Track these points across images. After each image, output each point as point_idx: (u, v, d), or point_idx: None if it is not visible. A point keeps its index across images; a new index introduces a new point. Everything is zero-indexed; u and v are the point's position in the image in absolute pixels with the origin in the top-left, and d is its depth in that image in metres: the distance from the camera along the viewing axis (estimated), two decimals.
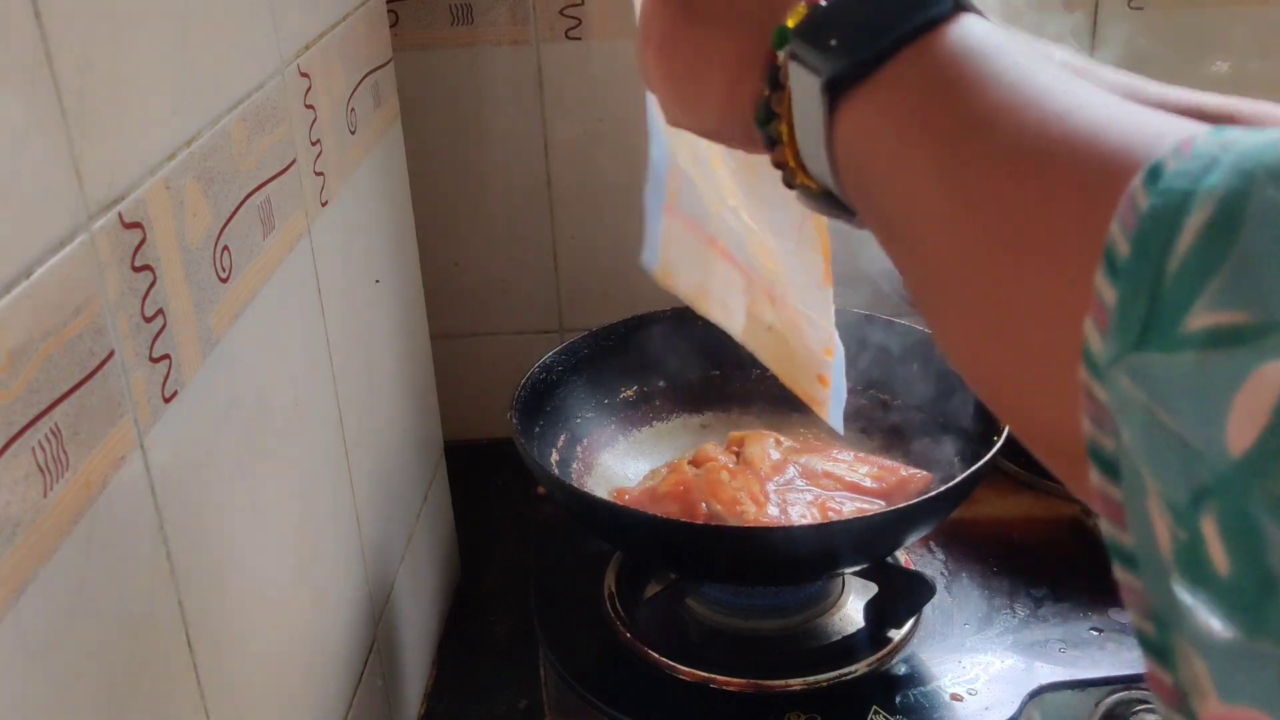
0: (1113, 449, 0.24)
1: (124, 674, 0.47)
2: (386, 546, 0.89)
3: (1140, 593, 0.24)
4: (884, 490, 0.82)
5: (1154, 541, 0.23)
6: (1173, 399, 0.22)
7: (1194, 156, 0.24)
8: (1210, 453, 0.21)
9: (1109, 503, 0.24)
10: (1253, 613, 0.21)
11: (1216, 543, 0.21)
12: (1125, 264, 0.23)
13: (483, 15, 1.11)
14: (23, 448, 0.40)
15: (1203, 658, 0.22)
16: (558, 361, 0.89)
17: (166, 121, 0.52)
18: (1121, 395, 0.23)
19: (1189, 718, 0.23)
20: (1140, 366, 0.23)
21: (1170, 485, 0.22)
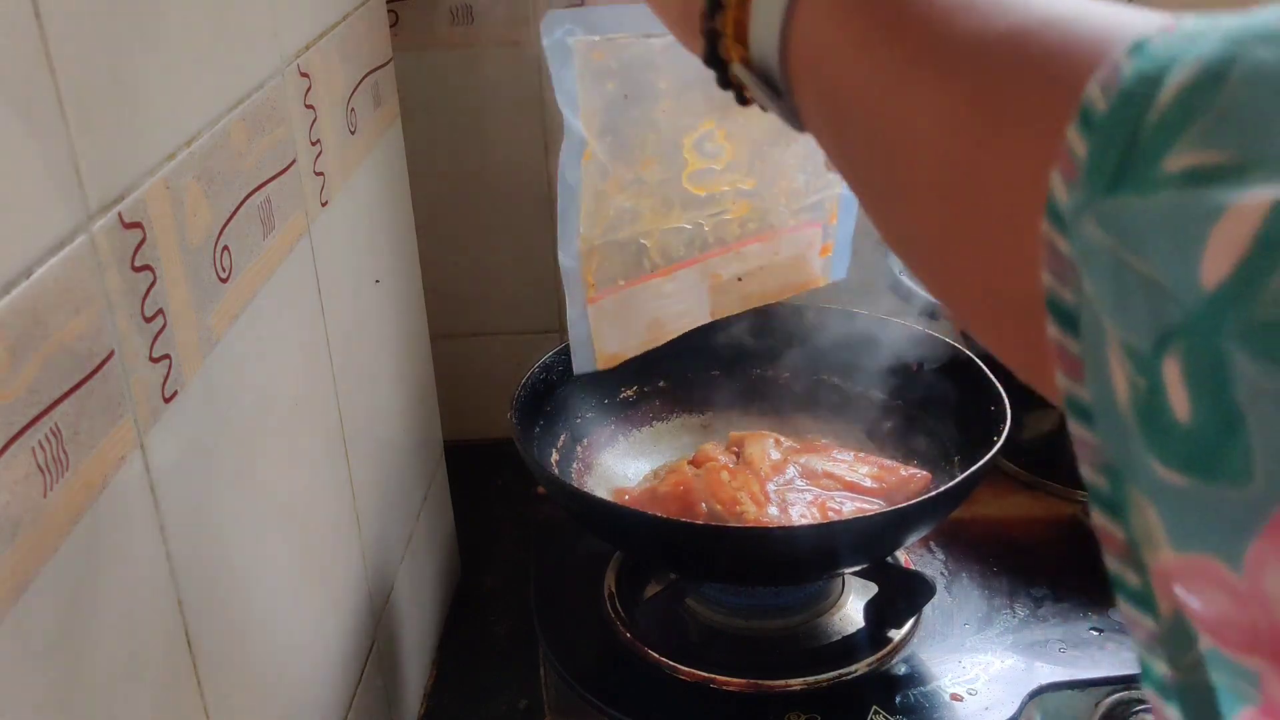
0: (1073, 301, 0.24)
1: (124, 674, 0.47)
2: (386, 546, 0.89)
3: (1095, 447, 0.24)
4: (884, 490, 0.82)
5: (1112, 392, 0.23)
6: (1145, 240, 0.22)
7: (1180, 32, 0.24)
8: (1181, 290, 0.21)
9: (1066, 356, 0.24)
10: (1212, 456, 0.21)
11: (1178, 387, 0.21)
12: (1101, 118, 0.23)
13: (483, 15, 1.10)
14: (23, 448, 0.40)
15: (1156, 508, 0.22)
16: (558, 361, 0.89)
17: (166, 121, 0.52)
18: (1087, 244, 0.23)
19: (1139, 570, 0.23)
20: (1111, 211, 0.22)
21: (1133, 331, 0.22)
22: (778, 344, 0.96)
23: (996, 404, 0.79)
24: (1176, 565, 0.22)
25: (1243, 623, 0.21)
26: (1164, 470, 0.22)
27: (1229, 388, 0.20)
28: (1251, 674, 0.21)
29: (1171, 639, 0.23)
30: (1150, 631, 0.23)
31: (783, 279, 0.76)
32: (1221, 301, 0.20)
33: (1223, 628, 0.21)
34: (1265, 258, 0.19)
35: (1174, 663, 0.23)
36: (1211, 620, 0.22)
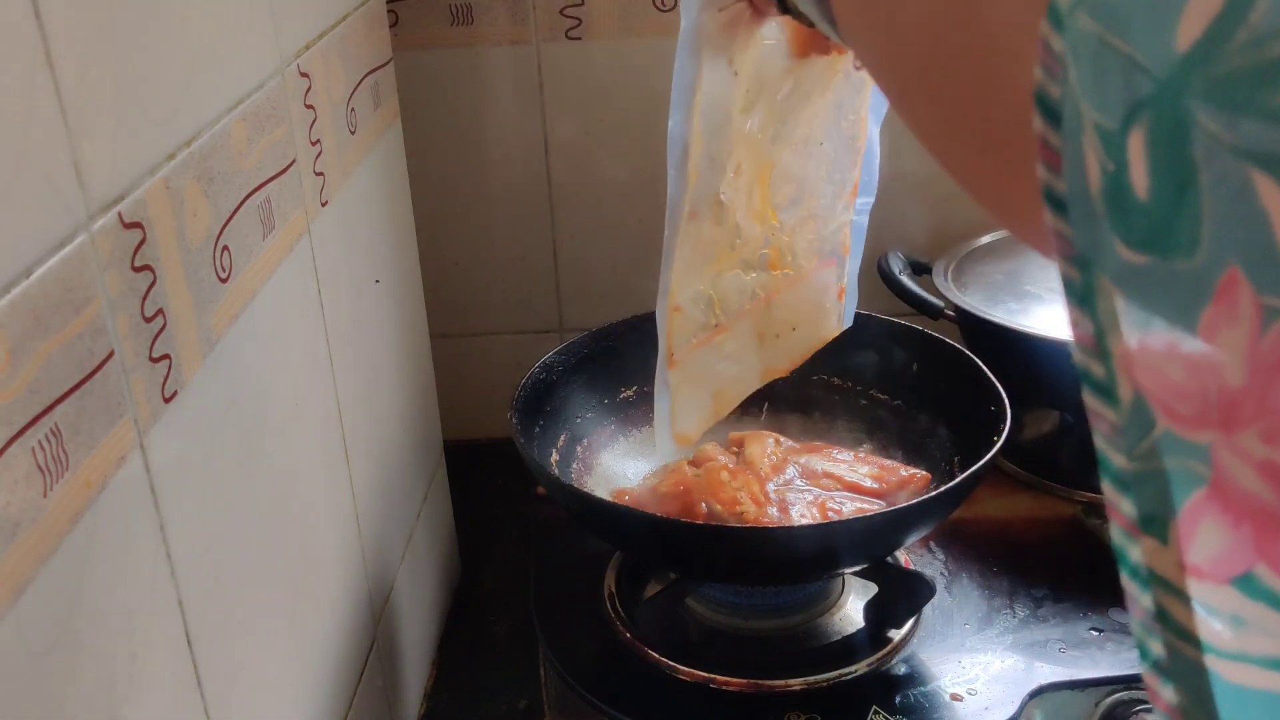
0: (1058, 95, 0.25)
1: (124, 674, 0.47)
2: (386, 546, 0.89)
3: (1069, 239, 0.25)
4: (884, 490, 0.82)
5: (1085, 180, 0.24)
6: (1129, 19, 0.23)
7: None
8: (1156, 61, 0.22)
9: (1048, 148, 0.26)
10: (1167, 229, 0.22)
11: (1140, 161, 0.22)
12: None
13: (483, 15, 1.11)
14: (23, 448, 0.40)
15: (1120, 290, 0.23)
16: (558, 361, 0.89)
17: (166, 121, 0.52)
18: (1077, 35, 0.24)
19: (1104, 359, 0.24)
20: (1100, 1, 0.24)
21: (1106, 111, 0.23)
22: None
23: (996, 404, 0.79)
24: (1137, 346, 0.23)
25: (1195, 393, 0.22)
26: (1127, 251, 0.23)
27: (1187, 150, 0.21)
28: (1202, 448, 0.22)
29: (1130, 426, 0.24)
30: (1111, 423, 0.25)
31: (807, 334, 0.74)
32: (1191, 62, 0.21)
33: (1178, 402, 0.23)
34: (1235, 13, 0.21)
35: (1130, 452, 0.24)
36: (1168, 396, 0.23)
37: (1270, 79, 0.20)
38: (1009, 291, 0.99)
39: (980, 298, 0.99)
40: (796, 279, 0.70)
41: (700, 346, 0.67)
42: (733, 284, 0.67)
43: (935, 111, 0.36)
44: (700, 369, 0.67)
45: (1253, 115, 0.20)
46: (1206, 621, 0.23)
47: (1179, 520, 0.23)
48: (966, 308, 0.98)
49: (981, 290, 1.00)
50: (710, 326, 0.67)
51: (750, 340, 0.70)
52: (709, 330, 0.67)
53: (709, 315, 0.67)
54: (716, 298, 0.67)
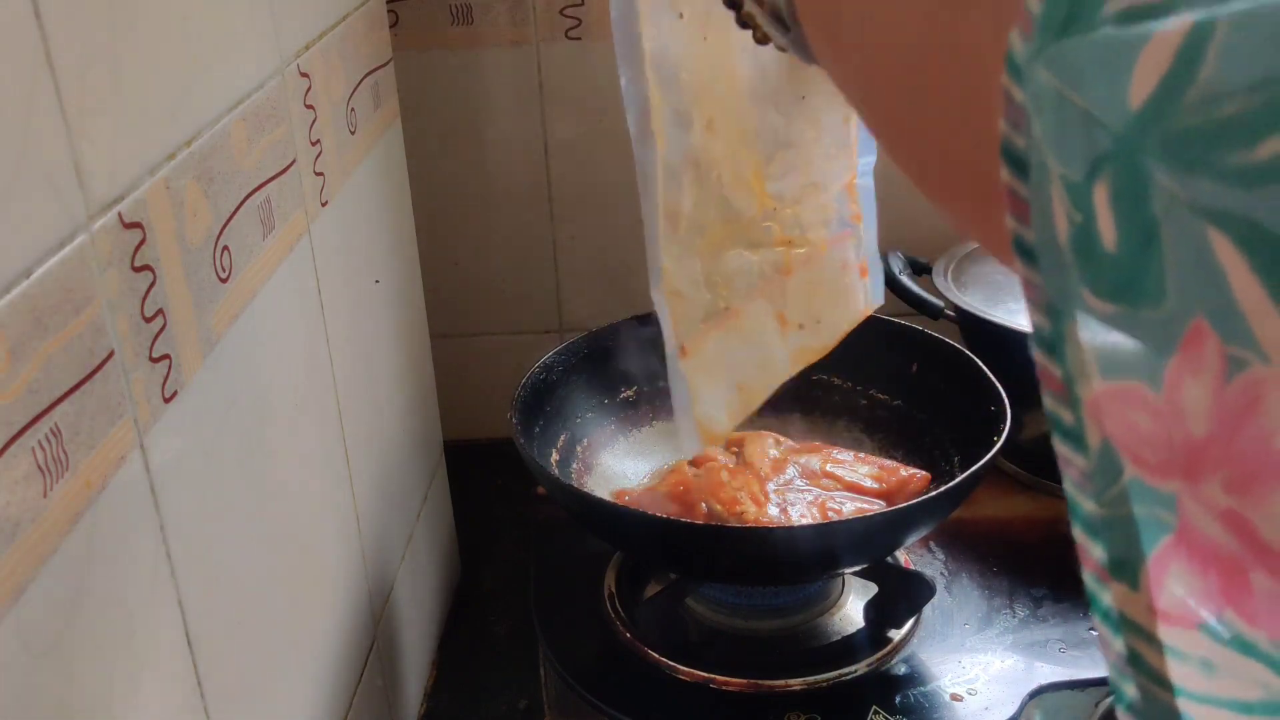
0: (1023, 146, 0.25)
1: (124, 674, 0.47)
2: (386, 546, 0.89)
3: (1039, 287, 0.25)
4: (884, 490, 0.82)
5: (1053, 230, 0.24)
6: (1084, 75, 0.23)
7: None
8: (1112, 117, 0.22)
9: (1016, 199, 0.26)
10: (1133, 279, 0.22)
11: (1106, 214, 0.23)
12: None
13: (483, 15, 1.11)
14: (23, 448, 0.40)
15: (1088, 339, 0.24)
16: (558, 361, 0.89)
17: (166, 121, 0.52)
18: (1037, 88, 0.25)
19: (1073, 406, 0.25)
20: (1057, 53, 0.24)
21: (1070, 164, 0.23)
22: None
23: (996, 404, 0.79)
24: (1105, 393, 0.24)
25: (1161, 442, 0.22)
26: (1095, 301, 0.23)
27: (1148, 205, 0.22)
28: (1168, 496, 0.23)
29: (1098, 473, 0.24)
30: (1080, 469, 0.25)
31: (834, 315, 0.68)
32: (1144, 119, 0.22)
33: (1144, 450, 0.23)
34: (1183, 73, 0.21)
35: (1100, 498, 0.25)
36: (1134, 444, 0.23)
37: (1221, 139, 0.20)
38: (1009, 291, 0.99)
39: (980, 298, 0.99)
40: (809, 255, 0.66)
41: (712, 333, 0.64)
42: (736, 263, 0.63)
43: (911, 155, 0.36)
44: (716, 358, 0.64)
45: (1205, 174, 0.20)
46: (1178, 665, 0.23)
47: (1148, 566, 0.23)
48: (966, 308, 0.98)
49: (981, 290, 1.00)
50: (718, 310, 0.63)
51: (769, 324, 0.66)
52: (717, 314, 0.63)
53: (715, 297, 0.63)
54: (719, 278, 0.63)
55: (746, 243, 0.63)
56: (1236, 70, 0.20)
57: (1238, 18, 0.20)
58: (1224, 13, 0.21)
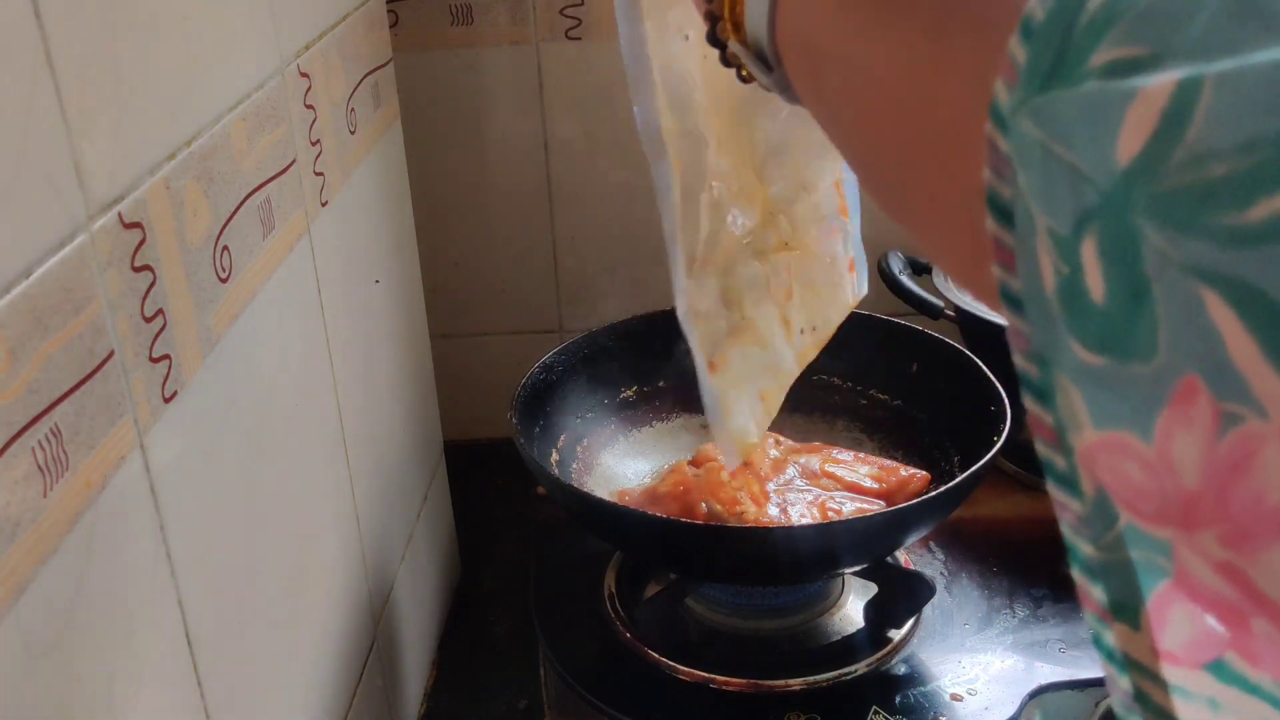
0: (1009, 196, 0.25)
1: (124, 674, 0.47)
2: (386, 546, 0.89)
3: (1026, 335, 0.26)
4: (884, 490, 0.82)
5: (1040, 280, 0.24)
6: (1070, 129, 0.23)
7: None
8: (1099, 173, 0.22)
9: (1002, 248, 0.26)
10: (1124, 333, 0.22)
11: (1094, 268, 0.23)
12: (1039, 25, 0.25)
13: (483, 15, 1.11)
14: (23, 448, 0.40)
15: (1079, 389, 0.24)
16: (558, 361, 0.89)
17: (166, 121, 0.52)
18: (1022, 139, 0.24)
19: (1065, 454, 0.25)
20: (1042, 105, 0.24)
21: (1057, 217, 0.23)
22: None
23: (996, 404, 0.79)
24: (1097, 443, 0.24)
25: (1154, 493, 0.22)
26: (1084, 352, 0.23)
27: (1138, 262, 0.22)
28: (1165, 544, 0.23)
29: (1094, 518, 0.24)
30: (1076, 514, 0.25)
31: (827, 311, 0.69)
32: (1132, 177, 0.21)
33: (1138, 500, 0.23)
34: (1170, 132, 0.21)
35: (1096, 542, 0.24)
36: (1128, 494, 0.23)
37: (1211, 200, 0.20)
38: None
39: None
40: (803, 256, 0.67)
41: (734, 347, 0.64)
42: (745, 274, 0.64)
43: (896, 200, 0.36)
44: (741, 369, 0.65)
45: (1196, 235, 0.20)
46: (1185, 704, 0.23)
47: (1148, 608, 0.23)
48: (966, 308, 0.98)
49: None
50: (737, 324, 0.64)
51: (777, 329, 0.67)
52: (736, 328, 0.64)
53: (733, 312, 0.64)
54: (734, 293, 0.64)
55: (753, 252, 0.64)
56: (1224, 131, 0.20)
57: (1224, 77, 0.20)
58: (1210, 71, 0.20)
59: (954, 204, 0.31)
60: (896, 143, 0.34)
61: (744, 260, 0.64)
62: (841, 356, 0.93)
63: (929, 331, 0.90)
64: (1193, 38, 0.21)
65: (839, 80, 0.38)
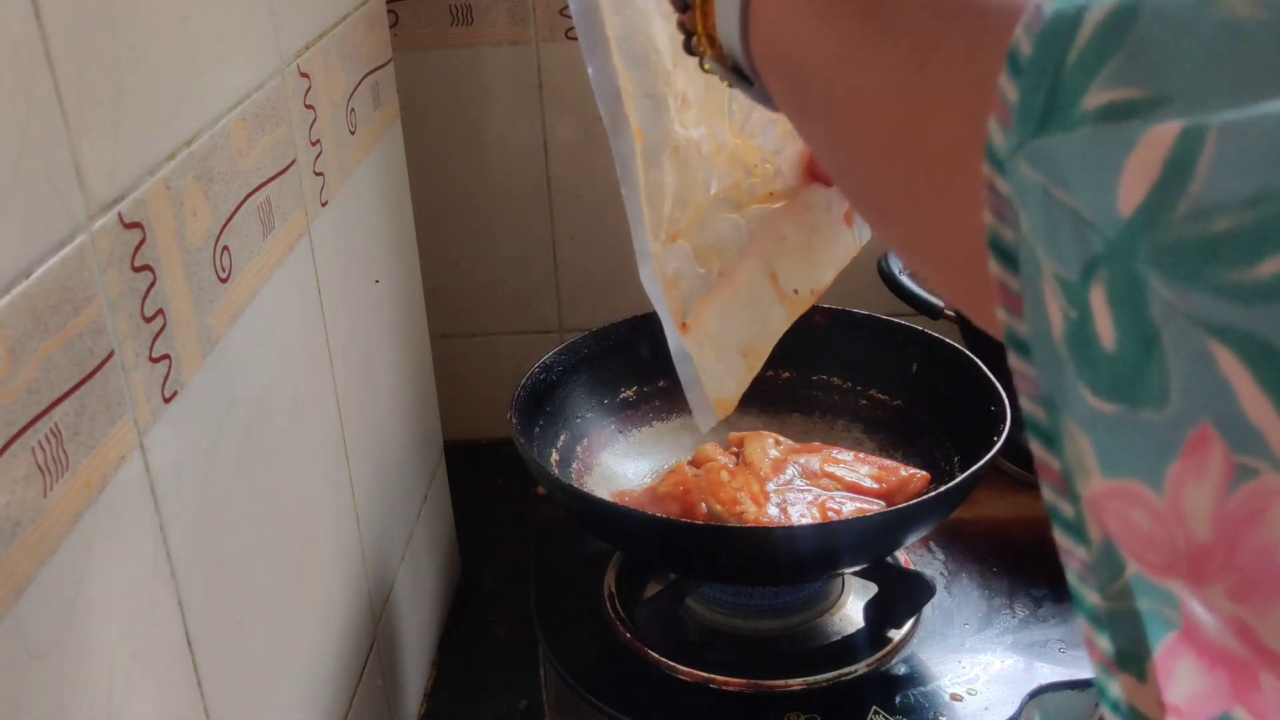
0: (1012, 238, 0.25)
1: (124, 674, 0.47)
2: (386, 546, 0.89)
3: (1033, 380, 0.25)
4: (884, 490, 0.82)
5: (1047, 325, 0.24)
6: (1069, 175, 0.23)
7: None
8: (1102, 220, 0.22)
9: (1007, 292, 0.25)
10: (1134, 381, 0.22)
11: (1104, 314, 0.22)
12: (1027, 61, 0.24)
13: (483, 15, 1.11)
14: (23, 448, 0.40)
15: (1088, 436, 0.23)
16: (558, 361, 0.89)
17: (166, 121, 0.52)
18: (1021, 182, 0.24)
19: (1073, 500, 0.24)
20: (1039, 150, 0.24)
21: (1063, 263, 0.23)
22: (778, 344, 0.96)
23: (996, 404, 0.79)
24: (1105, 491, 0.23)
25: (1164, 543, 0.22)
26: (1093, 399, 0.23)
27: (1146, 311, 0.21)
28: (1172, 596, 0.22)
29: (1101, 567, 0.24)
30: (1082, 561, 0.25)
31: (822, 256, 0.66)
32: (1136, 227, 0.21)
33: (1146, 551, 0.23)
34: (1174, 182, 0.20)
35: (1103, 591, 0.24)
36: (1136, 544, 0.23)
37: (1217, 255, 0.20)
38: None
39: None
40: (792, 204, 0.65)
41: (710, 304, 0.62)
42: (723, 227, 0.62)
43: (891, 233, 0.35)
44: (719, 326, 0.63)
45: (1203, 289, 0.20)
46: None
47: (1155, 660, 0.23)
48: None
49: None
50: (713, 278, 0.62)
51: (763, 281, 0.64)
52: (711, 283, 0.62)
53: (708, 270, 0.62)
54: (708, 249, 0.61)
55: (730, 205, 0.62)
56: (1229, 184, 0.20)
57: (1228, 128, 0.20)
58: (1214, 121, 0.20)
59: (952, 241, 0.30)
60: (886, 175, 0.33)
61: (718, 214, 0.62)
62: (841, 356, 0.93)
63: (929, 331, 0.90)
64: (1189, 77, 0.21)
65: (821, 105, 0.36)
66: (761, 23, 0.39)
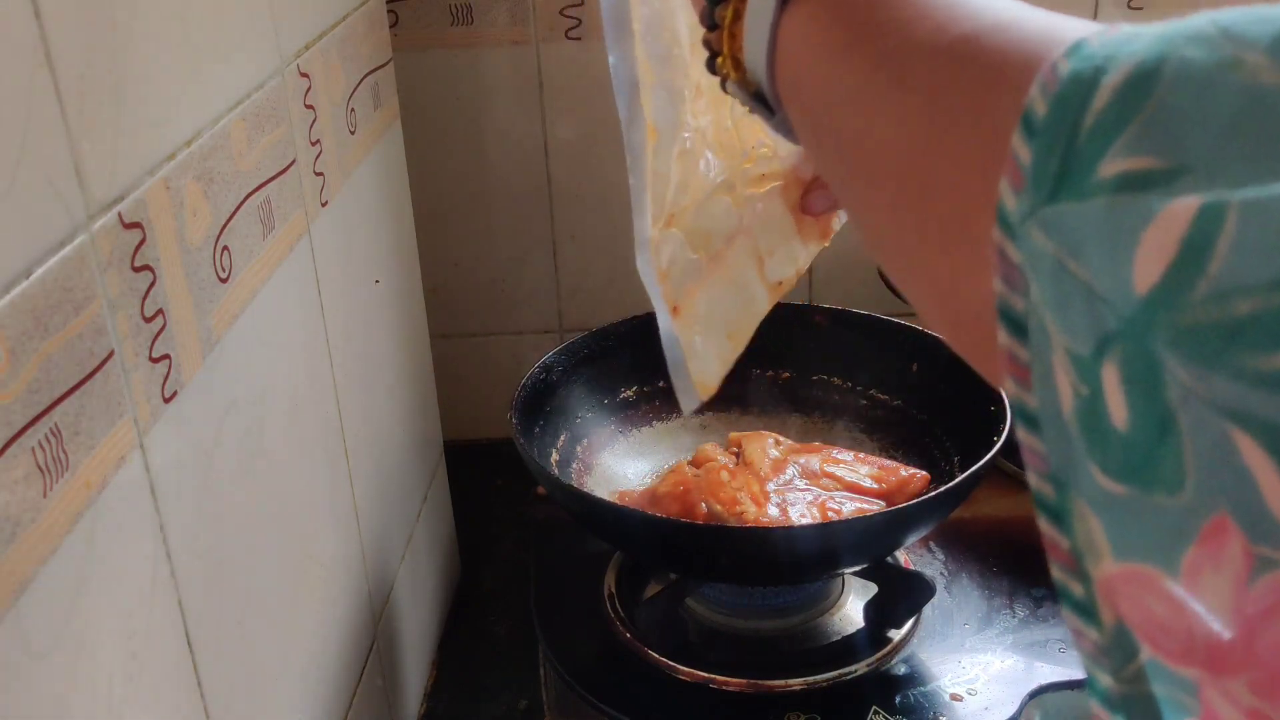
0: (1022, 308, 0.24)
1: (124, 674, 0.47)
2: (386, 546, 0.89)
3: (1042, 455, 0.24)
4: (884, 490, 0.82)
5: (1056, 400, 0.23)
6: (1083, 246, 0.22)
7: (1118, 34, 0.24)
8: (1116, 296, 0.21)
9: (1016, 363, 0.24)
10: (1148, 464, 0.21)
11: (1116, 393, 0.21)
12: (1042, 122, 0.24)
13: (483, 15, 1.11)
14: (23, 448, 0.40)
15: (1098, 517, 0.22)
16: (558, 361, 0.89)
17: (166, 121, 0.52)
18: (1033, 250, 0.23)
19: (1083, 581, 0.23)
20: (1052, 218, 0.23)
21: (1075, 337, 0.22)
22: (777, 344, 0.96)
23: (996, 404, 0.79)
24: (1118, 575, 0.22)
25: (1180, 631, 0.21)
26: (1104, 479, 0.22)
27: (1162, 393, 0.20)
28: (1190, 683, 0.21)
29: (1114, 650, 0.23)
30: (1094, 642, 0.24)
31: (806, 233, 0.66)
32: (1152, 306, 0.20)
33: (1161, 637, 0.22)
34: (1192, 263, 0.20)
35: (1117, 674, 0.23)
36: (1151, 630, 0.22)
37: (1239, 339, 0.19)
38: None
39: None
40: (783, 186, 0.65)
41: (700, 288, 0.62)
42: (716, 209, 0.62)
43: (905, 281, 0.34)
44: (707, 309, 0.63)
45: (1224, 374, 0.19)
46: None
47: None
48: None
49: None
50: (705, 263, 0.62)
51: (749, 262, 0.64)
52: (702, 269, 0.62)
53: (700, 252, 0.62)
54: (700, 235, 0.62)
55: (725, 188, 0.62)
56: (1251, 266, 0.19)
57: (1250, 207, 0.19)
58: (1234, 199, 0.19)
59: (961, 299, 0.29)
60: (897, 226, 0.32)
61: (713, 199, 0.62)
62: (841, 356, 0.93)
63: (929, 331, 0.90)
64: (1209, 148, 0.20)
65: (835, 147, 0.36)
66: (787, 46, 0.38)
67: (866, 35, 0.33)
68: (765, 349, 0.96)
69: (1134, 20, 0.25)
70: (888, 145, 0.31)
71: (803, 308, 0.95)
